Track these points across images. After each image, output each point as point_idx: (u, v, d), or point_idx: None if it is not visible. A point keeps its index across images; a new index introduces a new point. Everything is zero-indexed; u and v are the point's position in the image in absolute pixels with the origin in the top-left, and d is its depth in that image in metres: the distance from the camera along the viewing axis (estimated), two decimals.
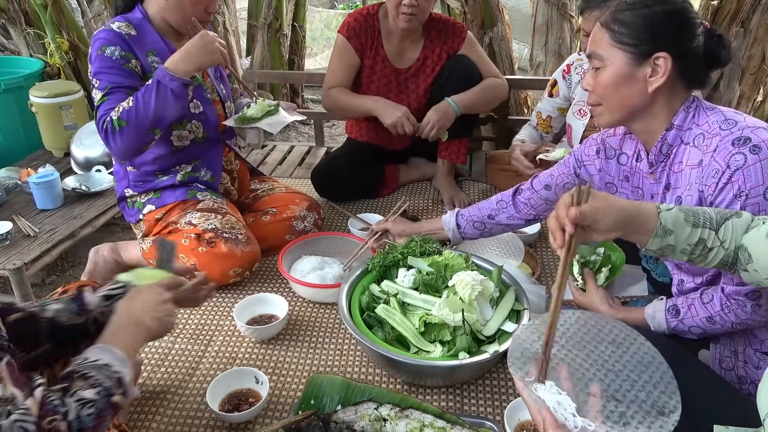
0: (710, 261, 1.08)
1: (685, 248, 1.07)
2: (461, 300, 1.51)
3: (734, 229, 1.06)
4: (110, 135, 1.69)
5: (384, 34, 2.34)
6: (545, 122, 2.36)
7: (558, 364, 0.94)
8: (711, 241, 1.06)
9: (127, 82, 1.74)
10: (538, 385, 0.90)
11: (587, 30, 1.98)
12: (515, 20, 5.14)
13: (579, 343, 0.98)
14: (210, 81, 1.99)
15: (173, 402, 1.47)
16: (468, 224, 1.77)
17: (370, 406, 1.40)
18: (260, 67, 4.01)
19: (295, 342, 1.68)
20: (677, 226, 1.05)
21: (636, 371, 0.95)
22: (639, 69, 1.23)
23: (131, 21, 1.81)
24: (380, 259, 1.70)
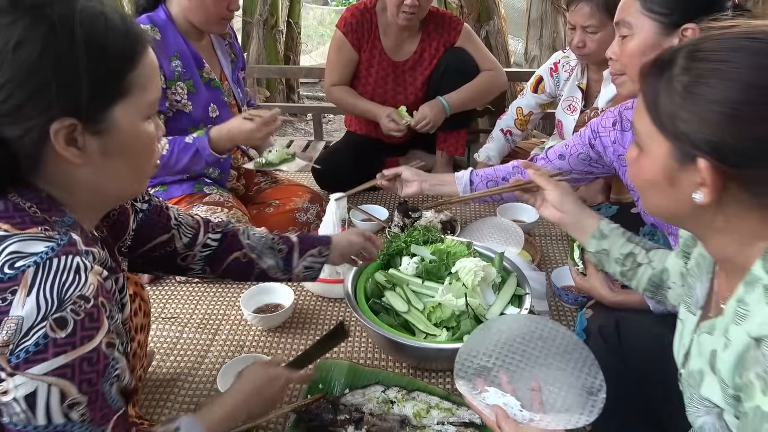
0: (640, 278, 1.16)
1: (618, 257, 1.16)
2: (464, 286, 1.54)
3: (664, 255, 1.14)
4: None
5: (381, 27, 2.37)
6: (524, 118, 2.39)
7: (498, 372, 1.06)
8: (641, 257, 1.15)
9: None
10: (485, 394, 1.01)
11: (574, 23, 2.01)
12: (509, 15, 5.15)
13: (512, 346, 1.11)
14: (227, 84, 2.02)
15: (183, 389, 1.49)
16: (481, 182, 1.76)
17: (377, 389, 1.44)
18: (256, 63, 4.02)
19: (302, 330, 1.71)
20: (612, 234, 1.17)
21: (564, 360, 1.08)
22: (666, 39, 1.21)
23: (156, 23, 1.81)
24: (384, 248, 1.73)
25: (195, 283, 1.91)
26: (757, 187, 0.70)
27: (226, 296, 1.85)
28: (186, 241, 1.26)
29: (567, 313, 1.77)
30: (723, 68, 0.69)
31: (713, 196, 0.72)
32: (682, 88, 0.71)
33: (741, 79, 0.67)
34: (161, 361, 1.59)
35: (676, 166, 0.74)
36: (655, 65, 0.75)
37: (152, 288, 1.89)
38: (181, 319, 1.75)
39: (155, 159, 0.91)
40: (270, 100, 4.15)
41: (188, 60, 1.85)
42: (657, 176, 0.77)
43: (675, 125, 0.72)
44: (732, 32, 0.71)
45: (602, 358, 1.27)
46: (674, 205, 0.78)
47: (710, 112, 0.68)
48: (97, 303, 0.77)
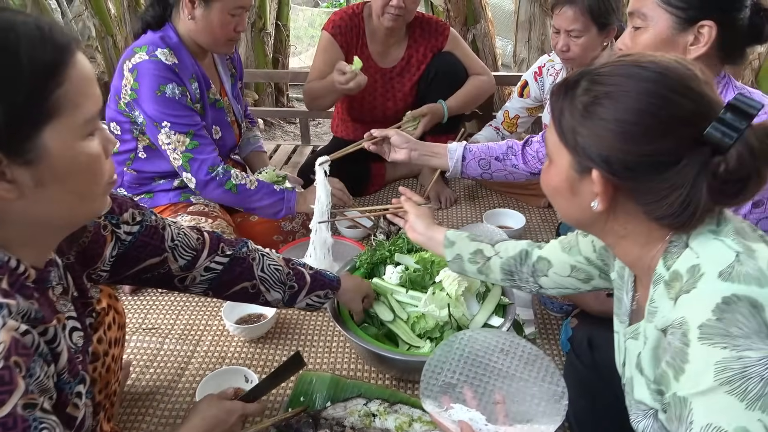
0: (493, 269, 1.26)
1: (470, 257, 1.28)
2: (448, 295, 1.53)
3: (509, 246, 1.26)
4: (215, 184, 1.81)
5: (368, 33, 2.35)
6: (512, 121, 2.39)
7: (462, 388, 1.07)
8: (488, 251, 1.27)
9: (199, 121, 1.80)
10: (451, 411, 1.02)
11: (558, 27, 2.00)
12: (498, 17, 5.17)
13: (475, 360, 1.12)
14: (227, 100, 2.00)
15: (162, 402, 1.47)
16: (473, 159, 1.74)
17: (359, 402, 1.42)
18: (244, 66, 4.00)
19: (284, 340, 1.69)
20: (459, 239, 1.30)
21: (526, 370, 1.10)
22: (681, 35, 1.18)
23: (170, 45, 1.77)
24: (368, 257, 1.71)
25: (177, 294, 1.89)
26: (643, 197, 0.78)
27: (209, 306, 1.83)
28: (182, 263, 1.19)
29: (552, 321, 1.76)
30: (615, 91, 0.77)
31: (606, 204, 0.80)
32: (581, 107, 0.79)
33: (628, 102, 0.75)
34: (140, 373, 1.56)
35: (576, 176, 0.82)
36: (563, 85, 0.83)
37: (133, 298, 1.87)
38: (162, 329, 1.73)
39: (104, 178, 0.81)
40: (258, 103, 4.12)
41: (200, 82, 1.84)
42: (561, 184, 0.86)
43: (575, 139, 0.80)
44: (626, 60, 0.79)
45: (578, 374, 1.28)
46: (577, 212, 0.87)
47: (603, 130, 0.77)
48: (8, 364, 0.68)
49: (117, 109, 1.81)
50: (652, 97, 0.75)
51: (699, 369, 0.69)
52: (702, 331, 0.69)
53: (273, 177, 2.05)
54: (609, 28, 1.98)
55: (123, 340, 1.30)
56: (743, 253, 0.73)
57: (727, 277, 0.71)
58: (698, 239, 0.77)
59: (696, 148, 0.73)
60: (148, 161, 1.88)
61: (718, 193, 0.73)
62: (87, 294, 0.98)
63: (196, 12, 1.74)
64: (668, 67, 0.76)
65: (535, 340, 1.68)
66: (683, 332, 0.71)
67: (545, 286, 1.23)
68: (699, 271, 0.74)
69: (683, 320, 0.72)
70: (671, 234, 0.80)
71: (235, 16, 1.76)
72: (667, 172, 0.75)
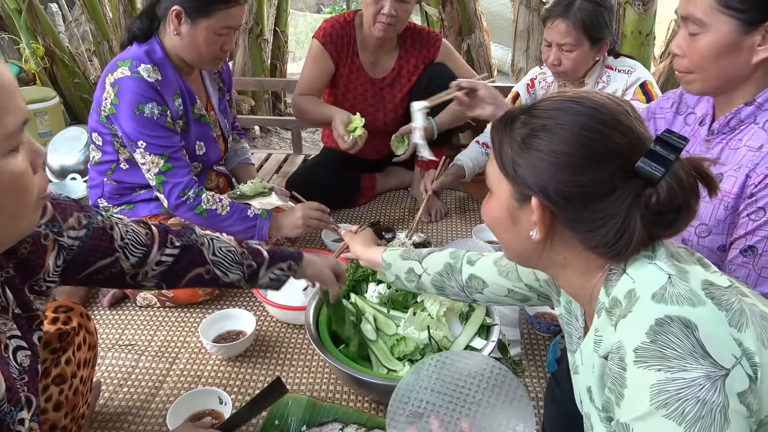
0: (426, 286, 1.30)
1: (405, 276, 1.33)
2: (430, 316, 1.48)
3: (434, 259, 1.29)
4: (186, 208, 1.78)
5: (359, 43, 2.31)
6: None
7: (429, 417, 1.07)
8: (417, 269, 1.30)
9: (176, 143, 1.77)
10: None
11: (550, 40, 1.96)
12: (499, 25, 5.13)
13: (442, 386, 1.11)
14: (213, 114, 1.97)
15: (134, 424, 1.43)
16: None
17: (335, 427, 1.38)
18: (242, 72, 3.97)
19: (263, 359, 1.65)
20: (393, 259, 1.34)
21: (494, 395, 1.09)
22: (746, 37, 1.10)
23: (154, 60, 1.73)
24: (350, 274, 1.67)
25: (156, 308, 1.85)
26: (579, 226, 0.80)
27: (187, 322, 1.79)
28: (134, 261, 1.14)
29: (540, 341, 1.71)
30: (550, 124, 0.79)
31: (544, 232, 0.82)
32: (519, 140, 0.81)
33: (563, 134, 0.78)
34: (113, 392, 1.52)
35: (516, 205, 0.84)
36: (502, 120, 0.85)
37: (111, 313, 1.84)
38: (139, 346, 1.69)
39: (32, 195, 0.76)
40: (255, 109, 4.09)
41: (185, 97, 1.81)
42: (502, 214, 0.87)
43: (514, 170, 0.82)
44: (562, 96, 0.82)
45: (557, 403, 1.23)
46: (518, 241, 0.88)
47: (539, 161, 0.79)
48: None
49: (98, 120, 1.78)
50: (586, 129, 0.77)
51: (636, 393, 0.69)
52: (637, 354, 0.69)
53: (258, 188, 2.02)
54: (601, 42, 1.94)
55: (94, 360, 1.26)
56: (675, 275, 0.74)
57: (660, 299, 0.72)
58: (634, 264, 0.79)
59: (629, 179, 0.76)
60: (129, 172, 1.85)
61: (651, 223, 0.75)
62: (31, 307, 0.92)
63: (182, 29, 1.70)
64: (601, 103, 0.79)
65: (521, 360, 1.63)
66: (620, 357, 0.72)
67: (479, 300, 1.26)
68: (635, 295, 0.75)
69: (620, 344, 0.72)
70: (609, 263, 0.81)
71: (221, 36, 1.72)
72: (601, 202, 0.77)
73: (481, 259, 1.23)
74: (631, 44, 2.84)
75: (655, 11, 2.87)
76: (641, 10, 2.79)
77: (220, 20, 1.68)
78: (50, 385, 1.05)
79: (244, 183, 2.04)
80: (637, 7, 2.79)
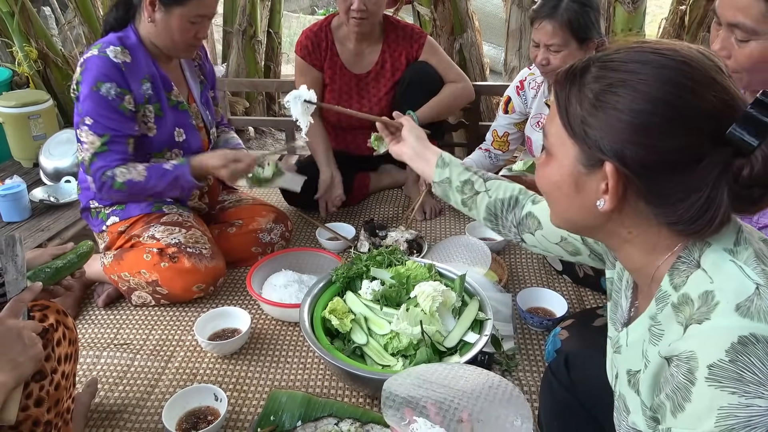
0: (478, 206, 1.20)
1: (458, 185, 1.22)
2: (423, 312, 1.50)
3: (501, 186, 1.19)
4: (106, 188, 1.76)
5: (338, 42, 2.34)
6: (502, 140, 2.34)
7: (426, 404, 1.03)
8: (478, 185, 1.20)
9: (124, 129, 1.75)
10: (414, 425, 0.98)
11: (538, 41, 1.97)
12: (492, 25, 5.15)
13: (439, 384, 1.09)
14: (195, 106, 1.97)
15: (129, 422, 1.44)
16: None
17: (330, 422, 1.39)
18: (236, 74, 3.98)
19: (258, 356, 1.66)
20: (453, 163, 1.24)
21: (491, 393, 1.07)
22: None
23: (126, 44, 1.76)
24: (344, 271, 1.68)
25: (151, 307, 1.86)
26: (656, 198, 0.71)
27: (183, 321, 1.80)
28: None
29: (533, 336, 1.73)
30: (631, 79, 0.69)
31: (614, 203, 0.73)
32: (592, 96, 0.72)
33: (647, 91, 0.68)
34: (109, 391, 1.53)
35: (582, 170, 0.75)
36: (569, 72, 0.76)
37: (106, 313, 1.84)
38: (134, 345, 1.70)
39: None
40: (249, 111, 4.10)
41: (157, 83, 1.81)
42: (563, 179, 0.77)
43: (584, 131, 0.72)
44: (642, 46, 0.72)
45: (553, 394, 1.24)
46: (579, 212, 0.79)
47: (616, 120, 0.69)
48: None
49: (78, 113, 1.79)
50: (673, 86, 0.67)
51: (700, 411, 0.63)
52: (711, 371, 0.63)
53: (274, 169, 1.98)
54: (589, 42, 1.96)
55: (75, 355, 1.25)
56: (765, 285, 0.66)
57: (746, 313, 0.64)
58: (711, 258, 0.70)
59: (717, 147, 0.66)
60: None
61: (738, 198, 0.67)
62: None
63: (156, 16, 1.72)
64: (691, 57, 0.69)
65: (514, 355, 1.64)
66: (690, 368, 0.65)
67: (528, 242, 1.16)
68: (713, 299, 0.67)
69: (692, 355, 0.65)
70: (681, 245, 0.73)
71: (195, 24, 1.74)
72: (686, 172, 0.68)
73: (544, 201, 1.13)
74: None
75: (645, 9, 2.89)
76: (631, 8, 2.81)
77: (194, 9, 1.71)
78: (30, 382, 1.04)
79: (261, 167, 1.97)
80: (626, 5, 2.81)
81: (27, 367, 0.97)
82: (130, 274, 1.80)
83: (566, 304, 1.74)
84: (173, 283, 1.78)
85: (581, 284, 1.93)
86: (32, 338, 1.00)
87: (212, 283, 1.85)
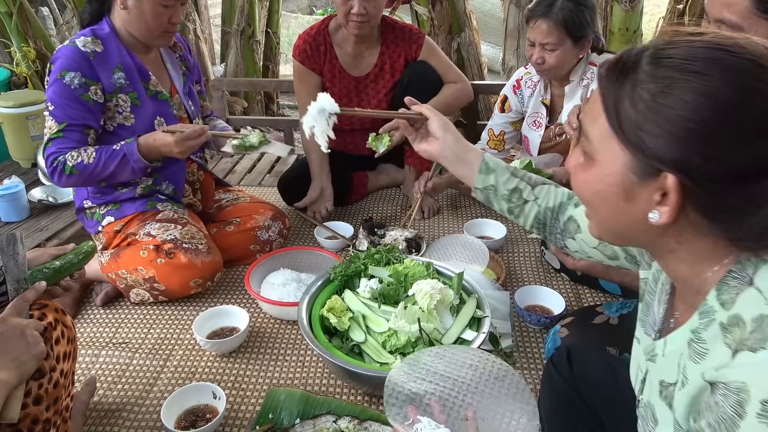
0: (527, 215, 1.14)
1: (504, 193, 1.13)
2: (421, 309, 1.50)
3: (550, 192, 1.13)
4: (57, 173, 1.74)
5: (336, 45, 2.33)
6: (498, 138, 2.35)
7: (430, 401, 1.00)
8: (526, 194, 1.13)
9: (83, 119, 1.75)
10: (418, 426, 0.94)
11: (533, 39, 1.99)
12: (490, 24, 5.16)
13: (443, 376, 1.06)
14: (178, 97, 1.96)
15: (128, 420, 1.44)
16: None
17: (328, 419, 1.39)
18: (234, 74, 3.99)
19: (257, 355, 1.66)
20: (498, 167, 1.12)
21: (495, 387, 1.05)
22: None
23: (98, 35, 1.77)
24: (342, 269, 1.69)
25: (150, 306, 1.86)
26: (719, 213, 0.64)
27: (181, 319, 1.80)
28: None
29: (531, 334, 1.73)
30: (696, 81, 0.61)
31: (673, 216, 0.65)
32: (649, 97, 0.63)
33: (716, 96, 0.60)
34: (107, 389, 1.53)
35: (635, 179, 0.67)
36: (616, 65, 0.67)
37: (105, 312, 1.84)
38: (133, 344, 1.70)
39: None
40: (248, 110, 4.11)
41: (132, 72, 1.81)
42: (610, 189, 0.69)
43: (638, 136, 0.64)
44: (703, 40, 0.63)
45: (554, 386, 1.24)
46: (626, 223, 0.71)
47: (680, 128, 0.61)
48: None
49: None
50: (746, 91, 0.60)
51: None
52: (765, 407, 0.57)
53: (260, 135, 1.96)
54: (584, 40, 1.97)
55: (74, 354, 1.25)
56: None
57: None
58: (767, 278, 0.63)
59: None
60: None
61: None
62: None
63: (129, 2, 1.73)
64: (761, 55, 0.61)
65: (512, 353, 1.65)
66: (739, 400, 0.59)
67: (571, 248, 1.11)
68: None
69: (743, 387, 0.60)
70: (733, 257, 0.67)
71: (168, 8, 1.74)
72: (756, 184, 0.61)
73: None
74: (619, 41, 2.87)
75: (642, 8, 2.90)
76: (628, 7, 2.82)
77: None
78: (29, 380, 1.05)
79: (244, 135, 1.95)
80: (624, 5, 2.82)
81: (30, 366, 0.98)
82: (127, 272, 1.80)
83: (564, 302, 1.74)
84: (170, 278, 1.78)
85: (579, 282, 1.93)
86: (35, 337, 1.01)
87: (209, 278, 1.85)
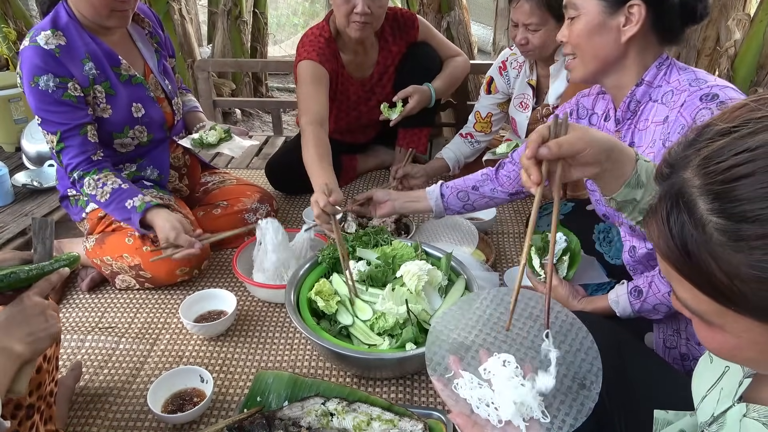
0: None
1: (644, 207, 0.93)
2: (409, 291, 1.49)
3: None
4: (76, 186, 1.75)
5: (341, 51, 2.26)
6: (485, 121, 2.33)
7: (478, 351, 0.88)
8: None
9: (74, 120, 1.68)
10: (458, 381, 0.84)
11: (516, 20, 1.96)
12: (480, 4, 5.12)
13: (496, 324, 0.92)
14: (153, 77, 1.89)
15: (115, 404, 1.43)
16: (452, 194, 1.74)
17: (317, 401, 1.38)
18: (222, 55, 3.93)
19: (244, 338, 1.65)
20: (650, 180, 0.91)
21: (556, 341, 0.88)
22: (613, 18, 1.24)
23: (58, 26, 1.66)
24: (330, 251, 1.67)
25: (136, 291, 1.84)
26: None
27: (168, 303, 1.79)
28: None
29: None
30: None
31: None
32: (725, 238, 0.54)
33: None
34: (94, 374, 1.52)
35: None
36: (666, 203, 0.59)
37: (90, 297, 1.82)
38: (119, 328, 1.68)
39: None
40: (236, 92, 4.05)
41: (100, 60, 1.72)
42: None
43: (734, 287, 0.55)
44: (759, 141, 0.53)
45: None
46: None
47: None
48: None
49: None
50: None
51: None
52: None
53: (221, 134, 1.94)
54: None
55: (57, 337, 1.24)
56: None
57: None
58: None
59: None
60: None
61: None
62: None
63: None
64: None
65: None
66: None
67: None
68: None
69: None
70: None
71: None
72: None
73: None
74: None
75: None
76: None
77: None
78: None
79: (204, 131, 1.93)
80: None
81: (44, 344, 1.00)
82: (112, 258, 1.78)
83: None
84: (157, 267, 1.75)
85: None
86: (53, 317, 1.03)
87: (196, 266, 1.83)
